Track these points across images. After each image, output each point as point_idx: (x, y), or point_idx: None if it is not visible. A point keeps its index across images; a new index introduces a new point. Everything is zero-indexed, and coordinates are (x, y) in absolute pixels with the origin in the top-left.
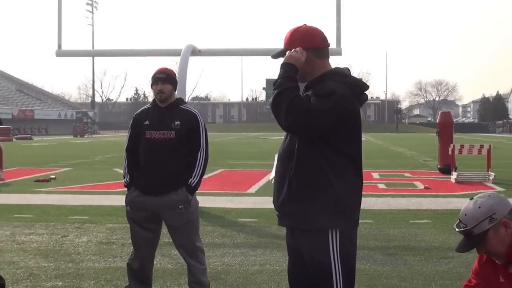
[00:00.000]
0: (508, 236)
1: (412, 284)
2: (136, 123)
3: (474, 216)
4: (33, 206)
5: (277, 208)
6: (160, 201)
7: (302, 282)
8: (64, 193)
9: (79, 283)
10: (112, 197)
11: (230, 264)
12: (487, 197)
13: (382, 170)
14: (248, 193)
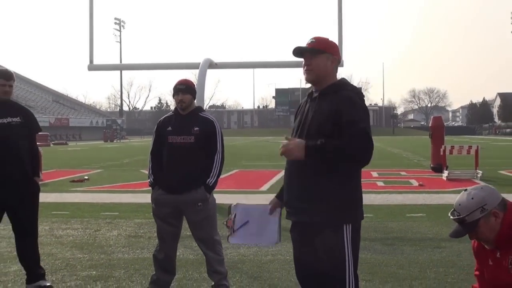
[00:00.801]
0: (497, 225)
1: (409, 271)
2: (159, 129)
3: (467, 206)
4: (69, 204)
5: (289, 204)
6: (181, 198)
7: (313, 274)
8: (97, 192)
9: (111, 272)
10: (139, 195)
11: (245, 254)
12: (479, 189)
13: (381, 169)
14: (260, 191)
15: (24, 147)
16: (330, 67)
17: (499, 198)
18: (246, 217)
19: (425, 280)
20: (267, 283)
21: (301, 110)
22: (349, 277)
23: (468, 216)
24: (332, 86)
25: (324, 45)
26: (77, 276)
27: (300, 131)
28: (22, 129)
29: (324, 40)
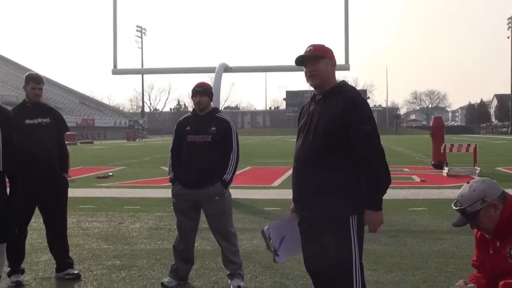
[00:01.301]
0: (496, 216)
1: (412, 261)
2: (179, 129)
3: (468, 198)
4: (95, 198)
5: (298, 200)
6: (199, 193)
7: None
8: (120, 187)
9: (134, 261)
10: (159, 190)
11: (258, 245)
12: (481, 182)
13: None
14: (272, 186)
15: (53, 145)
16: (330, 70)
17: (499, 191)
18: (280, 233)
19: (427, 269)
20: (279, 272)
21: (305, 112)
22: (355, 266)
23: (469, 207)
24: (334, 88)
25: (322, 51)
26: (102, 265)
27: (306, 132)
28: (52, 129)
29: (321, 46)
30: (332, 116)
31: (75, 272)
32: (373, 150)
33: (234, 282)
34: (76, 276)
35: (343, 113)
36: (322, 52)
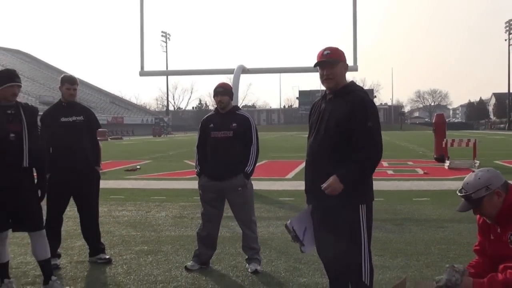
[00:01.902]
0: (499, 203)
1: (416, 248)
2: (203, 126)
3: (473, 185)
4: (124, 189)
5: (311, 190)
6: (224, 184)
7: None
8: (147, 179)
9: (160, 247)
10: (183, 182)
11: (274, 232)
12: (486, 171)
13: (390, 160)
14: (286, 178)
15: (86, 141)
16: (344, 73)
17: (502, 180)
18: (302, 225)
19: (430, 255)
20: (292, 257)
21: (316, 110)
22: (364, 252)
23: (474, 194)
24: (344, 88)
25: (338, 55)
26: (131, 250)
27: (318, 128)
28: (85, 126)
29: (337, 50)
30: (342, 113)
31: (106, 256)
32: (370, 143)
33: (252, 266)
34: (107, 260)
35: (351, 111)
36: (338, 56)
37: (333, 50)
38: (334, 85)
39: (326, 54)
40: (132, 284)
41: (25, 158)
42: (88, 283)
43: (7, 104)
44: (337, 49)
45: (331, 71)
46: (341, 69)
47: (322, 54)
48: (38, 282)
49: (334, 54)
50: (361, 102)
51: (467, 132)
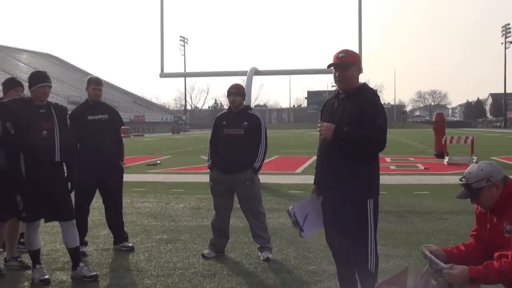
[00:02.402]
0: (497, 195)
1: (417, 238)
2: (216, 123)
3: (475, 175)
4: (145, 183)
5: (321, 182)
6: (233, 178)
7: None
8: (167, 173)
9: (178, 236)
10: (200, 176)
11: (284, 223)
12: (488, 164)
13: (393, 156)
14: (295, 173)
15: (111, 138)
16: (356, 76)
17: (502, 174)
18: (304, 212)
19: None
20: (301, 246)
21: (328, 108)
22: (371, 242)
23: (474, 184)
24: (357, 89)
25: (352, 59)
26: (152, 239)
27: None
28: (109, 124)
29: (352, 54)
30: (353, 112)
31: (129, 244)
32: (380, 137)
33: (264, 254)
34: (130, 248)
35: (363, 110)
36: (352, 60)
37: (347, 53)
38: (345, 86)
39: (341, 57)
40: (153, 270)
41: (56, 153)
42: (112, 269)
43: (40, 103)
44: (351, 53)
45: (343, 74)
46: (354, 72)
47: (337, 56)
48: (67, 268)
49: (348, 58)
50: (372, 103)
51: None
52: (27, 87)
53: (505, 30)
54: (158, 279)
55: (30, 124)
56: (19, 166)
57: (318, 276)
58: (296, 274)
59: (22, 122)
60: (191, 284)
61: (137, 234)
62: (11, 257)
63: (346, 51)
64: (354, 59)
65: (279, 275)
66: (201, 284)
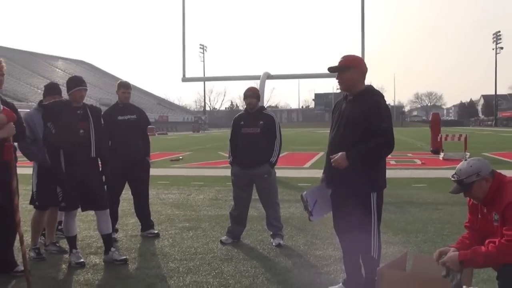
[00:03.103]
0: (486, 188)
1: (414, 226)
2: (235, 123)
3: (466, 171)
4: (169, 176)
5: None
6: (252, 172)
7: (347, 229)
8: (188, 168)
9: (199, 224)
10: (218, 170)
11: (294, 213)
12: (477, 160)
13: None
14: (304, 167)
15: (138, 136)
16: (356, 78)
17: (490, 169)
18: (314, 197)
19: (427, 233)
20: (310, 233)
21: (338, 109)
22: (374, 231)
23: (466, 179)
24: (363, 91)
25: (349, 62)
26: (175, 227)
27: (338, 124)
28: (137, 123)
29: (350, 58)
30: (359, 114)
31: (155, 231)
32: (382, 138)
33: (276, 240)
34: (156, 234)
35: (368, 112)
36: (348, 63)
37: (346, 58)
38: (344, 87)
39: (340, 61)
40: (176, 254)
41: (92, 150)
42: (140, 253)
43: (77, 105)
44: (350, 57)
45: (340, 76)
46: (352, 74)
47: (339, 61)
48: (99, 252)
49: (345, 62)
50: (376, 105)
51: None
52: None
53: (496, 37)
54: (181, 263)
55: (69, 124)
56: (59, 162)
57: (325, 261)
58: (305, 259)
59: (61, 122)
60: (211, 267)
61: (162, 222)
62: (51, 243)
63: (345, 56)
64: (352, 63)
65: (289, 259)
66: (219, 267)
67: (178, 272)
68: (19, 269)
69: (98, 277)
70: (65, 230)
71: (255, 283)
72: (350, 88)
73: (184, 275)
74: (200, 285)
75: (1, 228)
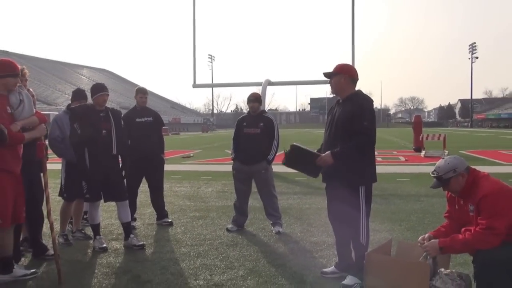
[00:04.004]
0: (462, 182)
1: (399, 216)
2: (238, 124)
3: (444, 168)
4: (181, 171)
5: (324, 171)
6: (251, 168)
7: (339, 218)
8: (198, 164)
9: (208, 213)
10: (225, 166)
11: (291, 204)
12: (453, 158)
13: (379, 150)
14: None
15: (154, 135)
16: (343, 82)
17: (465, 165)
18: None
19: (410, 222)
20: (306, 222)
21: (331, 111)
22: (362, 220)
23: (444, 175)
24: (351, 95)
25: (338, 69)
26: (187, 216)
27: (330, 125)
28: (153, 125)
29: (340, 66)
30: (347, 115)
31: (169, 220)
32: (363, 134)
33: (276, 228)
34: (169, 223)
35: (353, 113)
36: (338, 69)
37: (336, 66)
38: (334, 91)
39: (332, 69)
40: (188, 240)
41: (113, 148)
42: (156, 239)
43: (100, 108)
44: (340, 65)
45: (330, 81)
46: (340, 79)
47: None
48: (120, 238)
49: (335, 68)
50: (360, 107)
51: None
52: (89, 95)
53: (472, 48)
54: (192, 248)
55: (93, 125)
56: (84, 158)
57: (319, 246)
58: (301, 244)
59: (86, 123)
60: (218, 251)
61: (175, 212)
62: (77, 230)
63: (337, 65)
64: (341, 69)
65: (287, 245)
66: (225, 251)
67: (189, 256)
68: (49, 253)
69: (119, 260)
70: (89, 218)
71: (257, 266)
72: (338, 92)
73: (194, 259)
74: (208, 268)
75: (34, 217)
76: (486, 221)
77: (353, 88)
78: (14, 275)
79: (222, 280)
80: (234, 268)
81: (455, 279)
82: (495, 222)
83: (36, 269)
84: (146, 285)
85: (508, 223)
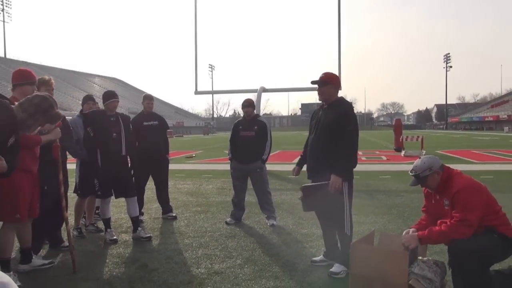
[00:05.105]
0: (438, 179)
1: (381, 210)
2: (235, 127)
3: (421, 167)
4: (184, 170)
5: (310, 170)
6: (247, 167)
7: (326, 212)
8: (200, 163)
9: (209, 208)
10: (224, 165)
11: (284, 199)
12: (429, 157)
13: (363, 150)
14: (293, 162)
15: (160, 138)
16: (332, 91)
17: (440, 163)
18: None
19: (391, 215)
20: (297, 215)
21: (316, 115)
22: (346, 213)
23: (421, 173)
24: (335, 101)
25: (329, 79)
26: (189, 211)
27: (315, 128)
28: (159, 128)
29: (330, 75)
30: (332, 119)
31: (173, 214)
32: (350, 142)
33: (270, 221)
34: (174, 217)
35: (338, 118)
36: (327, 79)
37: (327, 74)
38: (323, 99)
39: (321, 77)
40: (190, 232)
41: (123, 149)
42: (162, 232)
43: (111, 114)
44: (330, 74)
45: (321, 89)
46: (330, 89)
47: (320, 76)
48: (129, 231)
49: (326, 78)
50: (345, 112)
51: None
52: (100, 102)
53: (446, 58)
54: (194, 239)
55: (104, 129)
56: (96, 158)
57: (309, 237)
58: (293, 236)
59: (98, 127)
60: (218, 242)
61: (178, 207)
62: (90, 223)
63: (326, 73)
64: (331, 79)
65: (281, 236)
66: (225, 242)
67: (191, 246)
68: (65, 244)
69: (128, 251)
70: (101, 213)
71: (254, 255)
72: (327, 99)
73: (196, 249)
74: (209, 257)
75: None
76: (460, 214)
77: (337, 95)
78: (33, 265)
79: (221, 268)
80: (232, 258)
81: (432, 266)
82: (468, 215)
83: (53, 259)
84: (153, 273)
85: (479, 216)
